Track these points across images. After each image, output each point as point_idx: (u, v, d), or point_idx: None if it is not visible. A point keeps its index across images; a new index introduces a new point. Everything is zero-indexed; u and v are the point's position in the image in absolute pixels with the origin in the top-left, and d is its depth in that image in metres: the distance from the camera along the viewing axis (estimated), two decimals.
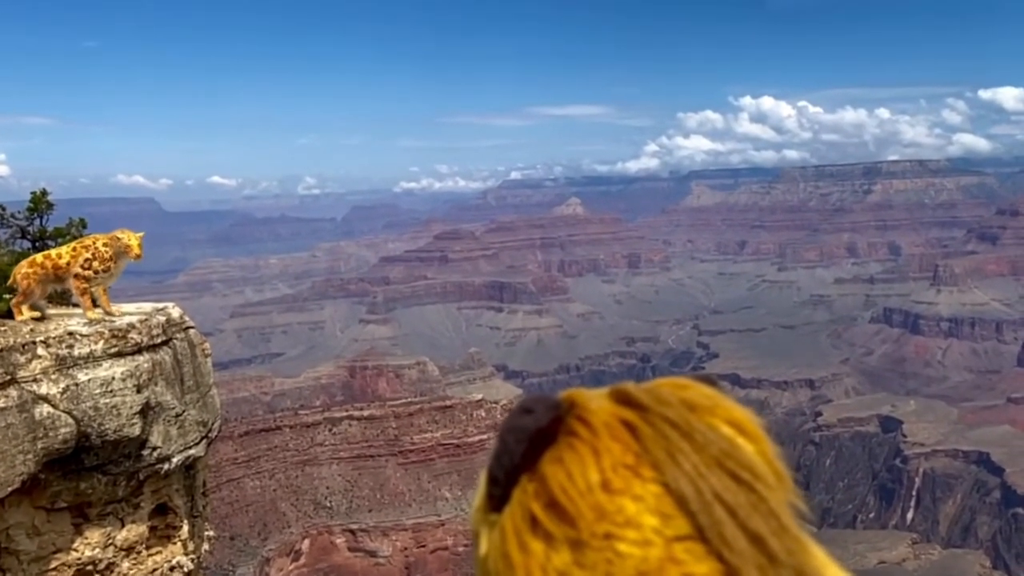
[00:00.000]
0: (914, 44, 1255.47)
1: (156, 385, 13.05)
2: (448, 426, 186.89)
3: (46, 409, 11.76)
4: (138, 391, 12.63)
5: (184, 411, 13.81)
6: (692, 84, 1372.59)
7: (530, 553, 1.48)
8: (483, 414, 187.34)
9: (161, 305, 14.42)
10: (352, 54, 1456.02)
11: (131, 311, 13.62)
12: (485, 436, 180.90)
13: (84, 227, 16.02)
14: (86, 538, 12.77)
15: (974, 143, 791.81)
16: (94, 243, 12.80)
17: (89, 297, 12.75)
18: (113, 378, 12.38)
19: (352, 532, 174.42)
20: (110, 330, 12.63)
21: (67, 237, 15.42)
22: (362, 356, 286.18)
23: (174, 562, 13.99)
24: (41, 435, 11.67)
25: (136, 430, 12.58)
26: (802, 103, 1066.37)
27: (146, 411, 12.81)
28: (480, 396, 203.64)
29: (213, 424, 14.95)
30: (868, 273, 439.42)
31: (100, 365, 12.37)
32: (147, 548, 13.61)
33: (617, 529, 1.45)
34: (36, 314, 12.73)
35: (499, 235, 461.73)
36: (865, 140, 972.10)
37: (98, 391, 12.20)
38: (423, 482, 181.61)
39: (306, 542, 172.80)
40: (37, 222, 15.87)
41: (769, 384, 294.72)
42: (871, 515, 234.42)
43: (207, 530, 15.73)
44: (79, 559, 12.66)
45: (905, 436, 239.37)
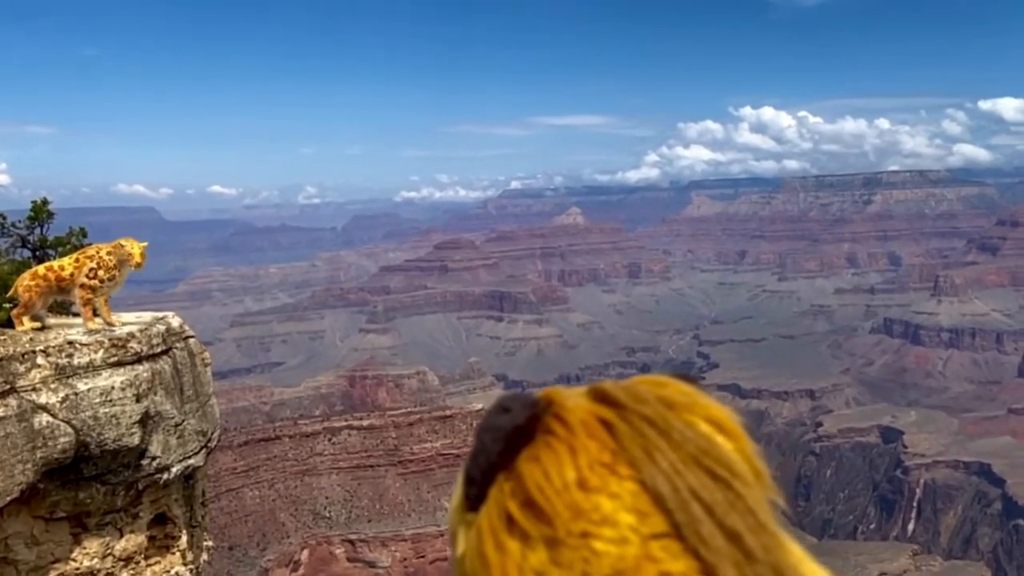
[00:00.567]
0: (914, 55, 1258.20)
1: (155, 395, 13.04)
2: (448, 436, 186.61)
3: (45, 418, 11.75)
4: (137, 400, 12.62)
5: (183, 421, 13.79)
6: (692, 94, 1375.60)
7: (506, 552, 1.48)
8: None
9: (161, 314, 14.42)
10: (352, 64, 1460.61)
11: (131, 321, 13.62)
12: None
13: (85, 236, 16.03)
14: (84, 548, 12.74)
15: (974, 154, 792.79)
16: (97, 252, 12.80)
17: (91, 308, 12.75)
18: (112, 387, 12.37)
19: (351, 542, 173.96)
20: (110, 339, 12.63)
21: (68, 246, 15.43)
22: (362, 366, 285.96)
23: (173, 572, 13.95)
24: (40, 444, 11.65)
25: (135, 440, 12.56)
26: (802, 113, 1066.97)
27: (145, 421, 12.79)
28: (480, 406, 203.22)
29: (212, 434, 14.93)
30: (868, 283, 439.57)
31: (99, 374, 12.37)
32: (146, 558, 13.57)
33: (594, 527, 1.45)
34: (37, 325, 12.73)
35: (499, 245, 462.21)
36: (865, 150, 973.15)
37: (97, 400, 12.19)
38: (423, 492, 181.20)
39: (305, 552, 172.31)
40: (38, 231, 15.88)
41: (769, 394, 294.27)
42: (872, 526, 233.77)
43: (206, 540, 15.69)
44: (77, 569, 12.62)
45: (906, 447, 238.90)
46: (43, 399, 11.81)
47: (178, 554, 14.13)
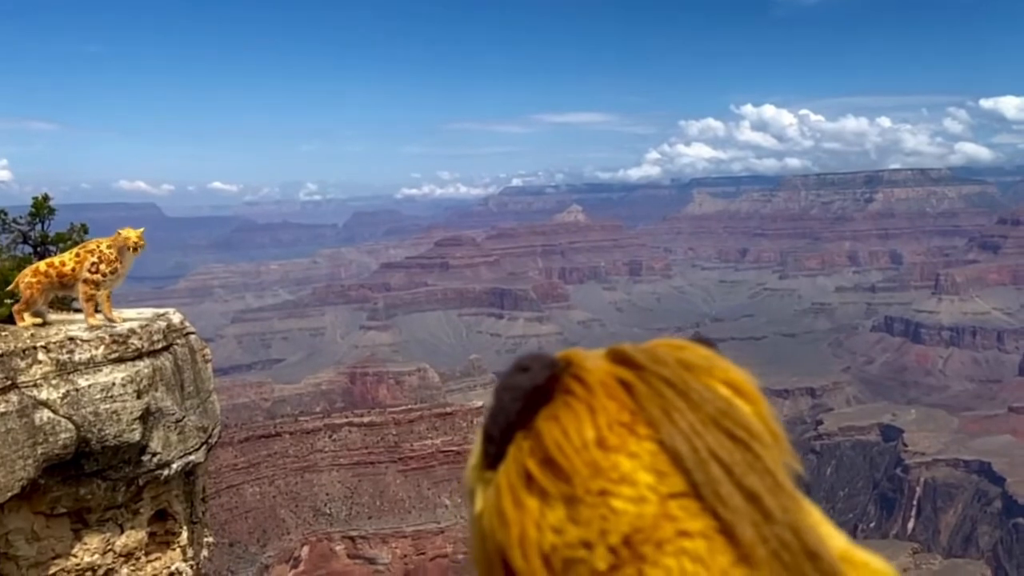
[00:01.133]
0: (915, 53, 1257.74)
1: (156, 391, 13.04)
2: (448, 433, 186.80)
3: (46, 414, 11.75)
4: (138, 396, 12.62)
5: (184, 417, 13.80)
6: (694, 92, 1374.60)
7: (525, 509, 1.48)
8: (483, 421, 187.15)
9: (162, 311, 14.43)
10: (354, 61, 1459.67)
11: (132, 317, 13.63)
12: None
13: (86, 232, 16.03)
14: (85, 544, 12.75)
15: (976, 152, 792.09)
16: (98, 246, 12.82)
17: (93, 303, 12.76)
18: (113, 383, 12.37)
19: (351, 539, 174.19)
20: (111, 335, 12.63)
21: (69, 242, 15.43)
22: (362, 362, 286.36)
23: (173, 568, 13.96)
24: (41, 440, 11.66)
25: (136, 436, 12.57)
26: (803, 111, 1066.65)
27: (146, 417, 12.80)
28: (480, 403, 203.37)
29: (213, 430, 14.94)
30: (869, 282, 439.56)
31: (100, 370, 12.37)
32: (146, 554, 13.59)
33: (612, 486, 1.45)
34: (38, 320, 12.74)
35: (500, 242, 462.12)
36: (866, 149, 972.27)
37: (98, 396, 12.20)
38: (423, 489, 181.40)
39: (305, 549, 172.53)
40: (39, 227, 15.89)
41: (770, 392, 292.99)
42: (872, 524, 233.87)
43: (206, 536, 15.70)
44: (78, 565, 12.64)
45: (906, 445, 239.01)
46: (44, 395, 11.81)
47: (179, 550, 14.14)
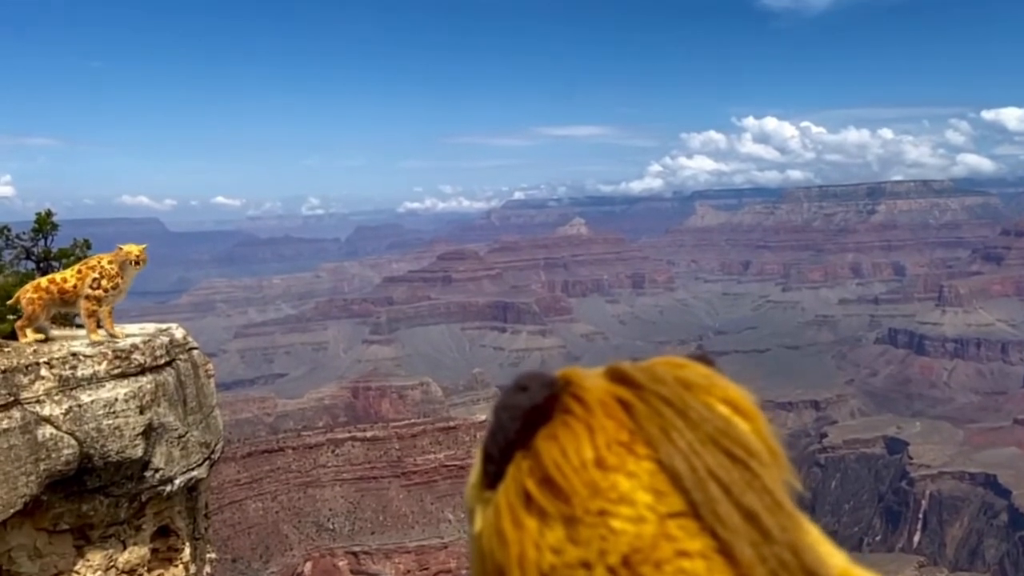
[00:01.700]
0: (917, 65, 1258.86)
1: (159, 406, 13.03)
2: (451, 447, 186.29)
3: (49, 430, 11.73)
4: (141, 412, 12.60)
5: (187, 432, 13.77)
6: (695, 105, 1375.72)
7: (524, 529, 1.48)
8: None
9: (164, 326, 14.43)
10: (355, 76, 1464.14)
11: (134, 332, 13.63)
12: None
13: (88, 247, 16.07)
14: (88, 560, 12.70)
15: (978, 163, 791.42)
16: (99, 262, 12.85)
17: (95, 319, 12.78)
18: (116, 399, 12.36)
19: (355, 554, 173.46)
20: (113, 351, 12.63)
21: (71, 258, 15.47)
22: (365, 377, 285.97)
23: None
24: (44, 456, 11.64)
25: (139, 451, 12.55)
26: (805, 124, 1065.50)
27: (149, 432, 12.78)
28: (484, 417, 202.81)
29: (216, 445, 14.91)
30: (873, 293, 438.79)
31: (103, 386, 12.36)
32: (149, 570, 13.53)
33: (611, 506, 1.45)
34: (40, 336, 12.75)
35: (503, 255, 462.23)
36: (869, 160, 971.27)
37: (101, 412, 12.18)
38: (426, 504, 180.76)
39: (308, 565, 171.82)
40: (42, 243, 15.93)
41: (774, 405, 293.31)
42: (877, 538, 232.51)
43: (209, 552, 15.65)
44: None
45: (911, 458, 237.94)
46: (47, 411, 11.80)
47: (181, 566, 14.08)
